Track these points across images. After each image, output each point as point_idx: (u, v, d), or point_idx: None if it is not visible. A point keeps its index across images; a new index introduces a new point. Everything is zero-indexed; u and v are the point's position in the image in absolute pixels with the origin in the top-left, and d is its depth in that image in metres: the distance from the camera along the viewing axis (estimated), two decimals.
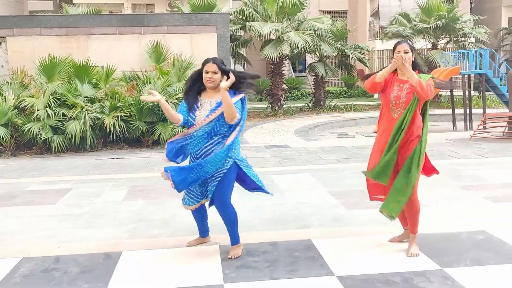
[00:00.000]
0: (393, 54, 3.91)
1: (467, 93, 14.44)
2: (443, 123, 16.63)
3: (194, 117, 3.89)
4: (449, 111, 15.57)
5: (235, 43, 17.55)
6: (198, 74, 3.94)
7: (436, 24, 19.09)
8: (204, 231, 4.40)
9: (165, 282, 3.62)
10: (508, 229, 4.65)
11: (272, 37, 16.58)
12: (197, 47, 11.97)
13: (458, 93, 17.76)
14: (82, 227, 5.08)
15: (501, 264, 3.83)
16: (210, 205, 4.15)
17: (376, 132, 4.22)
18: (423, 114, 4.02)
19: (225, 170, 3.90)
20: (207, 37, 12.00)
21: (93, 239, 4.72)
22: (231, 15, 17.67)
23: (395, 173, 4.00)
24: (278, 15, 16.74)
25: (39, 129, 9.68)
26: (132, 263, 4.03)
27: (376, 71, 4.01)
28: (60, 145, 9.85)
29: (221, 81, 3.84)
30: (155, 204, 5.90)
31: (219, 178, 3.91)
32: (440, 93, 20.87)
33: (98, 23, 11.63)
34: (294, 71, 32.92)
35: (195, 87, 3.97)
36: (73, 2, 27.29)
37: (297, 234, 4.68)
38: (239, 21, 17.42)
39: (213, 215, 4.32)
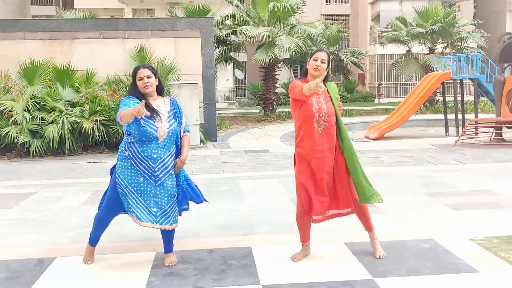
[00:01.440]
0: (310, 59, 3.79)
1: (458, 98, 14.23)
2: (437, 128, 16.41)
3: (156, 128, 3.68)
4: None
5: (227, 47, 17.52)
6: (134, 86, 3.78)
7: (432, 28, 18.91)
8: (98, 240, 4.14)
9: None
10: (458, 238, 4.51)
11: (264, 41, 16.51)
12: (181, 51, 11.92)
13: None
14: (28, 232, 5.03)
15: (436, 274, 3.70)
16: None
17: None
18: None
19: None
20: (191, 42, 11.95)
21: (34, 244, 4.66)
22: (227, 20, 17.67)
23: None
24: (270, 20, 16.67)
25: (17, 133, 9.69)
26: (61, 269, 3.95)
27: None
28: (38, 149, 9.84)
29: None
30: None
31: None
32: (436, 98, 20.66)
33: (82, 27, 11.64)
34: (296, 76, 32.83)
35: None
36: (74, 7, 27.56)
37: (239, 241, 4.58)
38: (232, 26, 17.40)
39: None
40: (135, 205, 3.76)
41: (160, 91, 3.91)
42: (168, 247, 4.05)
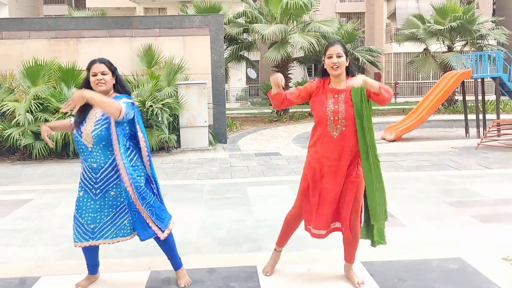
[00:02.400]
0: (324, 58, 3.33)
1: (479, 97, 13.61)
2: (457, 129, 15.83)
3: (80, 133, 3.22)
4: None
5: (238, 46, 17.11)
6: (87, 82, 3.29)
7: (451, 25, 18.27)
8: (95, 266, 3.65)
9: None
10: (489, 256, 4.02)
11: (276, 39, 16.06)
12: (189, 50, 11.52)
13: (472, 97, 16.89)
14: (15, 245, 4.64)
15: None
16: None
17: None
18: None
19: None
20: (200, 40, 11.53)
21: (21, 259, 4.27)
22: (238, 17, 17.26)
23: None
24: (283, 17, 16.22)
25: (19, 135, 9.37)
26: None
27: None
28: (41, 152, 9.51)
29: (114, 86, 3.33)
30: None
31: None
32: (455, 97, 20.01)
33: (88, 26, 11.30)
34: (310, 74, 32.31)
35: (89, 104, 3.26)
36: (86, 7, 27.39)
37: (244, 258, 4.14)
38: (244, 24, 16.98)
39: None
40: (74, 224, 3.35)
41: (119, 90, 3.35)
42: (173, 263, 3.59)
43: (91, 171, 3.24)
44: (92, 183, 3.25)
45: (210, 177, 7.73)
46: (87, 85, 3.28)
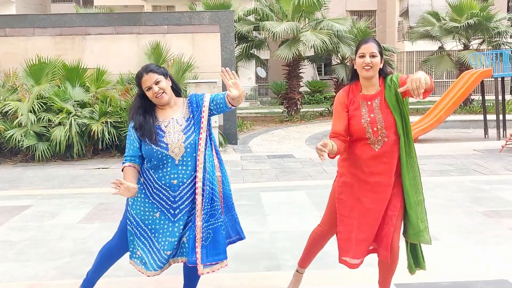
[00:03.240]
0: (355, 56, 2.84)
1: (500, 97, 13.08)
2: (474, 130, 15.30)
3: (165, 145, 2.77)
4: (482, 117, 14.18)
5: (248, 44, 16.67)
6: (143, 97, 2.86)
7: (467, 22, 17.71)
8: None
9: None
10: None
11: (287, 37, 15.60)
12: (199, 47, 11.09)
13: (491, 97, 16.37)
14: (9, 260, 4.22)
15: None
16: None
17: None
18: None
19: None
20: (209, 37, 11.10)
21: (12, 277, 3.84)
22: (249, 15, 16.83)
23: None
24: (294, 14, 15.75)
25: (21, 136, 8.98)
26: None
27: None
28: (44, 153, 9.12)
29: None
30: (110, 229, 4.98)
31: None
32: (472, 97, 19.44)
33: (94, 23, 10.90)
34: (320, 74, 31.80)
35: (148, 113, 2.85)
36: (94, 5, 27.06)
37: (262, 278, 3.70)
38: (254, 21, 16.54)
39: None
40: (145, 250, 2.85)
41: (177, 91, 2.96)
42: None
43: (168, 189, 2.78)
44: (169, 203, 2.78)
45: None
46: (143, 102, 2.84)
